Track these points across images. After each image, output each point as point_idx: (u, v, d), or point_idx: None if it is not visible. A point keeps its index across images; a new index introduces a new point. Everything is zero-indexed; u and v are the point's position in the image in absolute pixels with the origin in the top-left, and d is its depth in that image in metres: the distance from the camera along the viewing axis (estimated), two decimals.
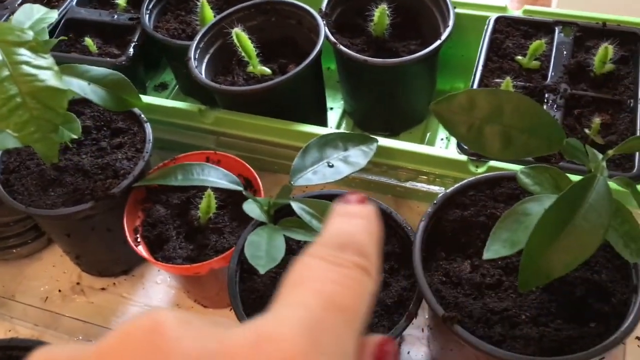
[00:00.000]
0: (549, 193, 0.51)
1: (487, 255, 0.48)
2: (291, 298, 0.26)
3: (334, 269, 0.27)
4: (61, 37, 0.77)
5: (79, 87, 0.62)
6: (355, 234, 0.29)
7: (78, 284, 0.82)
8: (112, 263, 0.80)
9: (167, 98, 1.01)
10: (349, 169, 0.62)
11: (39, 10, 0.63)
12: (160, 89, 1.04)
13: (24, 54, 0.46)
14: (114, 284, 0.81)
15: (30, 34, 0.47)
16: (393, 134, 0.92)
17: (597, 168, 0.47)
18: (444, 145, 0.90)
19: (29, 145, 0.47)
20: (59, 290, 0.81)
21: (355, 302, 0.26)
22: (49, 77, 0.46)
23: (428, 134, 0.91)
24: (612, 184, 0.48)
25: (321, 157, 0.63)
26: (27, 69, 0.45)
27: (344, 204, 0.31)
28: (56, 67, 0.47)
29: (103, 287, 0.81)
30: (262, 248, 0.53)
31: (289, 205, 0.59)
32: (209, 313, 0.77)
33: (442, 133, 0.91)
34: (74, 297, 0.81)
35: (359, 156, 0.64)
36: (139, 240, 0.70)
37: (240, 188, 0.61)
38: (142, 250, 0.68)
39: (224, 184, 0.61)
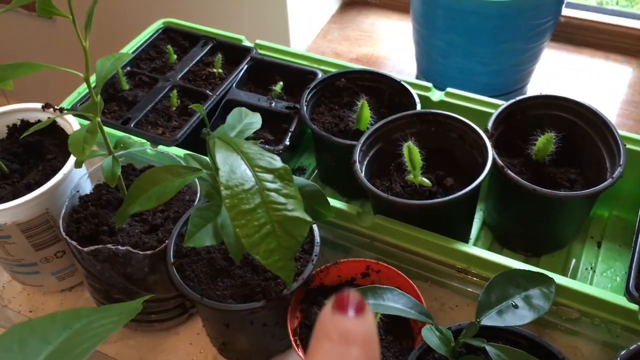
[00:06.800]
0: None
1: None
2: None
3: None
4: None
5: None
6: None
7: None
8: (253, 353, 0.80)
9: None
10: (532, 314, 0.61)
11: (246, 114, 0.66)
12: (298, 173, 1.07)
13: (274, 181, 0.48)
14: None
15: (278, 161, 0.49)
16: (534, 255, 0.91)
17: None
18: (588, 275, 0.88)
19: (272, 271, 0.49)
20: None
21: None
22: (295, 207, 0.47)
23: (573, 261, 0.90)
24: None
25: (504, 295, 0.62)
26: (276, 197, 0.47)
27: (336, 313, 0.24)
28: (299, 196, 0.48)
29: None
30: None
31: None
32: None
33: (587, 262, 0.89)
34: None
35: (540, 298, 0.63)
36: (298, 343, 0.70)
37: (429, 320, 0.61)
38: (300, 353, 0.69)
39: (412, 313, 0.61)
